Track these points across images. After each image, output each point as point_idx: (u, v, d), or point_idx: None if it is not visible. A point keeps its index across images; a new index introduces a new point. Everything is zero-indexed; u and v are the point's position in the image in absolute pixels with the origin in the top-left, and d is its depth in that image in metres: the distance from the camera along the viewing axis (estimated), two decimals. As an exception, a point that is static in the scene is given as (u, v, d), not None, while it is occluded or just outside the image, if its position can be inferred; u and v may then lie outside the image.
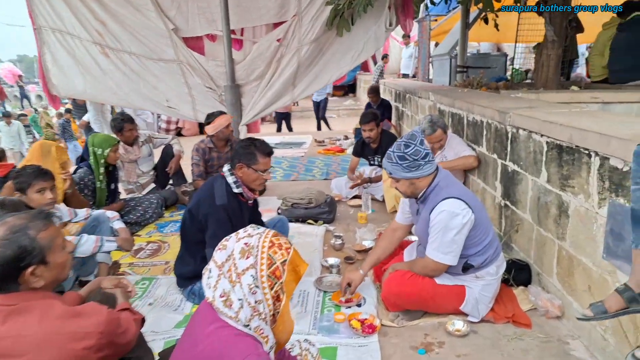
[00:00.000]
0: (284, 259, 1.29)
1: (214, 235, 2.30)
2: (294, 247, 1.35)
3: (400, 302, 2.23)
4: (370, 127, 4.04)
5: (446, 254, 2.09)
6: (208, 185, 2.43)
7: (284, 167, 5.79)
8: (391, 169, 2.15)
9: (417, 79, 8.13)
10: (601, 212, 1.86)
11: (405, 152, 2.08)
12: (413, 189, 2.17)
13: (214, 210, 2.32)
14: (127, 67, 4.85)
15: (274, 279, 1.28)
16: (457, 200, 2.06)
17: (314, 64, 4.53)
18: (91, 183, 3.48)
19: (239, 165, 2.37)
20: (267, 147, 2.42)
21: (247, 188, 2.44)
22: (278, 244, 1.30)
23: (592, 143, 1.88)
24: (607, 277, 1.84)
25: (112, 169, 3.65)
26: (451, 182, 2.17)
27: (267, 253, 1.28)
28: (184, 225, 2.50)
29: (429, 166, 2.11)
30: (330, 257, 3.02)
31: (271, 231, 1.35)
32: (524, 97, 3.77)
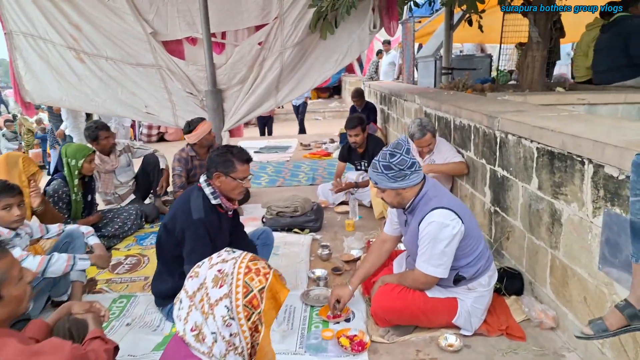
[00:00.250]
0: (262, 286, 1.18)
1: (192, 251, 2.19)
2: (274, 272, 1.24)
3: (390, 318, 2.14)
4: (356, 132, 3.95)
5: (437, 267, 2.01)
6: (184, 198, 2.30)
7: (269, 173, 5.66)
8: (377, 178, 2.07)
9: (402, 81, 8.09)
10: (596, 222, 1.80)
11: (391, 161, 2.00)
12: (400, 199, 2.08)
13: (190, 225, 2.19)
14: (104, 72, 4.68)
15: (251, 308, 1.17)
16: (446, 210, 1.98)
17: (297, 68, 4.43)
18: (65, 195, 3.31)
19: (216, 174, 2.25)
20: (245, 154, 2.31)
21: (225, 198, 2.32)
22: (255, 270, 1.19)
23: (585, 150, 1.81)
24: (604, 289, 1.78)
25: (88, 179, 3.48)
26: (440, 191, 2.09)
27: (243, 280, 1.17)
28: (160, 240, 2.36)
29: (416, 176, 2.03)
30: (317, 268, 2.91)
31: (248, 255, 1.24)
32: (510, 99, 3.73)
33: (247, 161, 2.31)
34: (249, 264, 1.20)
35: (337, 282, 2.76)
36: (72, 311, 1.77)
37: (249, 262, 1.20)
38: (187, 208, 2.23)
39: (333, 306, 2.29)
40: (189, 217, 2.20)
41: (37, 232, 2.62)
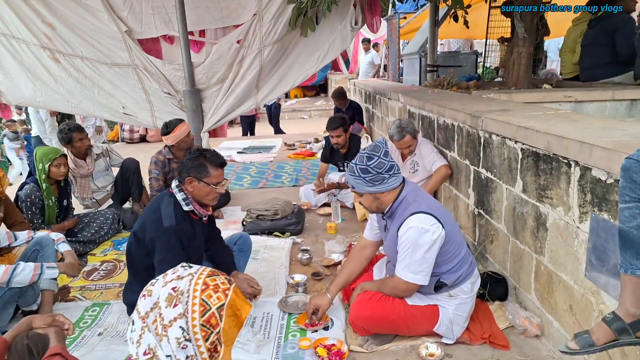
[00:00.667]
0: (221, 303, 1.07)
1: (163, 261, 2.06)
2: (235, 287, 1.13)
3: (368, 327, 2.04)
4: (338, 133, 3.84)
5: (416, 274, 1.91)
6: (154, 205, 2.17)
7: (251, 174, 5.53)
8: (354, 182, 1.96)
9: (387, 78, 8.00)
10: (582, 227, 1.72)
11: (368, 164, 1.90)
12: (378, 203, 1.99)
13: (162, 234, 2.07)
14: (80, 73, 4.49)
15: (209, 328, 1.06)
16: (426, 215, 1.88)
17: (277, 66, 4.30)
18: (38, 200, 3.16)
19: (188, 180, 2.14)
20: (219, 158, 2.20)
21: (198, 204, 2.20)
22: (214, 286, 1.09)
23: (572, 152, 1.73)
24: (591, 297, 1.70)
25: (63, 184, 3.33)
26: (420, 195, 2.00)
27: (200, 298, 1.06)
28: (130, 250, 2.23)
29: (394, 179, 1.93)
30: (296, 273, 2.80)
31: (206, 270, 1.13)
32: (495, 97, 3.65)
33: (221, 165, 2.21)
34: (206, 280, 1.09)
35: (317, 288, 2.67)
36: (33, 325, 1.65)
37: (206, 278, 1.10)
38: (158, 215, 2.11)
39: (310, 316, 2.19)
40: (159, 225, 2.08)
41: (4, 240, 2.48)
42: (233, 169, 5.79)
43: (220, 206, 3.99)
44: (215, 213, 3.90)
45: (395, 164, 1.96)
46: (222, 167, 2.20)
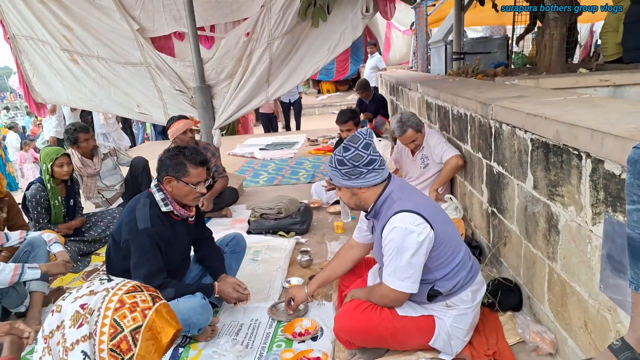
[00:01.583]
0: (137, 325, 0.94)
1: (138, 265, 1.98)
2: (161, 306, 1.00)
3: (353, 340, 1.85)
4: (348, 126, 3.64)
5: (403, 280, 1.69)
6: (130, 206, 2.09)
7: (269, 171, 5.43)
8: (330, 174, 1.80)
9: (416, 69, 7.66)
10: (596, 231, 1.44)
11: (344, 155, 1.71)
12: (356, 200, 1.79)
13: (135, 236, 1.98)
14: (97, 73, 4.59)
15: (119, 353, 0.93)
16: (410, 214, 1.66)
17: (288, 59, 4.15)
18: (44, 200, 3.19)
19: (167, 179, 2.04)
20: (199, 156, 2.09)
21: (178, 204, 2.09)
22: (131, 304, 0.95)
23: (582, 142, 1.45)
24: (607, 314, 1.42)
25: (71, 183, 3.36)
26: (406, 192, 1.77)
27: (112, 318, 0.94)
28: (109, 253, 2.17)
29: (375, 175, 1.73)
30: (295, 276, 2.65)
31: (128, 285, 1.00)
32: (520, 84, 3.31)
33: (202, 164, 2.08)
34: (123, 297, 0.96)
35: (314, 293, 2.49)
36: None
37: (124, 295, 0.97)
38: (133, 217, 2.02)
39: (287, 303, 2.16)
40: (133, 228, 1.99)
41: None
42: (252, 166, 5.73)
43: (228, 204, 3.91)
44: (223, 211, 3.83)
45: (379, 158, 1.75)
46: (202, 166, 2.08)
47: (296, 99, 8.58)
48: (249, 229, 3.39)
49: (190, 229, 2.26)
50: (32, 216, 3.13)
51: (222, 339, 2.08)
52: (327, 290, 2.49)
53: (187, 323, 1.95)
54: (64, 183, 3.29)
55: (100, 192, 3.87)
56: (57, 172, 3.12)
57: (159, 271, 2.00)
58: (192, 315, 1.94)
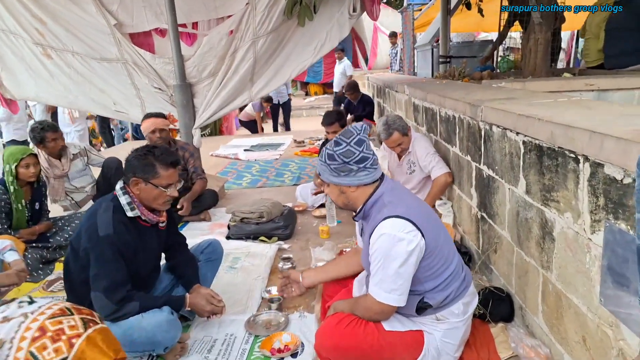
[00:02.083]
0: (61, 358, 0.79)
1: (98, 276, 1.78)
2: (95, 332, 0.85)
3: (336, 358, 1.71)
4: (334, 128, 3.52)
5: (390, 292, 1.57)
6: (91, 210, 1.90)
7: (253, 172, 5.28)
8: (319, 168, 1.68)
9: (403, 72, 7.61)
10: (595, 239, 1.35)
11: (335, 150, 1.59)
12: (344, 199, 1.68)
13: (95, 244, 1.78)
14: (72, 68, 4.37)
15: None
16: (400, 220, 1.54)
17: (273, 58, 4.02)
18: (5, 204, 2.95)
19: (134, 180, 1.86)
20: (171, 156, 1.92)
21: (147, 209, 1.93)
22: (54, 332, 0.80)
23: (579, 144, 1.36)
24: (608, 330, 1.33)
25: (37, 185, 3.14)
26: (398, 196, 1.65)
27: (28, 351, 0.79)
28: (67, 262, 1.96)
29: (366, 174, 1.61)
30: (275, 285, 2.51)
31: (55, 306, 0.85)
32: (507, 86, 3.25)
33: (173, 165, 1.91)
34: (45, 324, 0.81)
35: (295, 304, 2.36)
36: None
37: (47, 321, 0.82)
38: (93, 222, 1.82)
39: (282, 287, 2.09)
40: (93, 235, 1.79)
41: None
42: (235, 168, 5.57)
43: (207, 207, 3.74)
44: (201, 215, 3.66)
45: (372, 157, 1.63)
46: (173, 167, 1.91)
47: (286, 100, 8.45)
48: (229, 234, 3.24)
49: (160, 236, 2.09)
50: (-9, 220, 2.90)
51: (192, 357, 1.92)
52: (309, 301, 2.35)
53: (151, 341, 1.78)
54: (30, 185, 3.08)
55: (69, 194, 3.66)
56: (22, 174, 2.91)
57: (121, 283, 1.80)
58: (157, 332, 1.77)
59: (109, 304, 1.76)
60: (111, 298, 1.76)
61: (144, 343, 1.79)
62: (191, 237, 2.76)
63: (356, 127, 1.65)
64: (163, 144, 3.18)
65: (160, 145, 2.08)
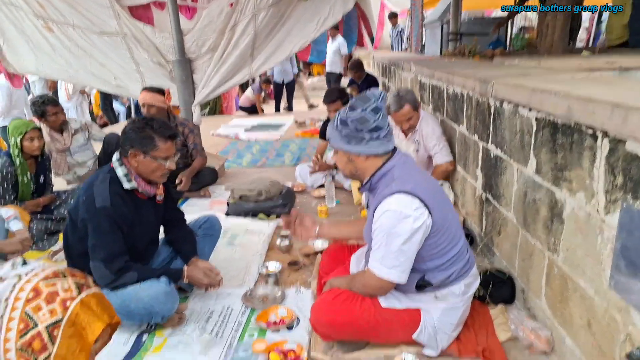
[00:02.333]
0: (55, 320, 0.76)
1: (96, 247, 1.79)
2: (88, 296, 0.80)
3: (331, 333, 1.68)
4: (336, 107, 3.42)
5: (391, 268, 1.52)
6: (89, 182, 1.87)
7: (253, 152, 5.20)
8: (329, 133, 1.61)
9: (410, 50, 7.43)
10: (609, 221, 1.27)
11: (349, 115, 1.52)
12: (352, 168, 1.61)
13: (93, 215, 1.77)
14: (73, 42, 4.27)
15: (31, 353, 0.75)
16: (408, 196, 1.47)
17: (274, 33, 3.89)
18: (11, 176, 2.94)
19: (132, 153, 1.83)
20: (168, 129, 1.89)
21: (144, 181, 1.88)
22: (49, 294, 0.77)
23: (599, 118, 1.27)
24: (616, 314, 1.27)
25: (41, 159, 3.11)
26: (408, 171, 1.57)
27: (23, 311, 0.75)
28: (66, 233, 1.95)
29: (378, 144, 1.53)
30: (272, 261, 2.47)
31: (49, 269, 0.80)
32: (520, 64, 3.12)
33: (171, 137, 1.90)
34: (39, 285, 0.77)
35: (292, 279, 2.33)
36: None
37: (40, 282, 0.78)
38: (90, 194, 1.80)
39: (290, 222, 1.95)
40: (91, 206, 1.78)
41: None
42: (236, 147, 5.49)
43: (207, 184, 3.69)
44: (201, 192, 3.61)
45: (387, 127, 1.55)
46: (171, 140, 1.90)
47: (290, 80, 8.24)
48: (228, 211, 3.19)
49: (158, 210, 2.05)
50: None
51: (189, 326, 1.89)
52: (306, 277, 2.31)
53: (149, 312, 1.77)
54: (34, 158, 3.06)
55: (72, 168, 3.62)
56: (27, 147, 2.88)
57: (119, 254, 1.80)
58: (154, 303, 1.76)
59: (107, 274, 1.77)
60: (109, 268, 1.77)
61: (141, 313, 1.80)
62: (190, 213, 2.73)
63: (374, 93, 1.56)
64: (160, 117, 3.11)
65: (158, 118, 2.02)
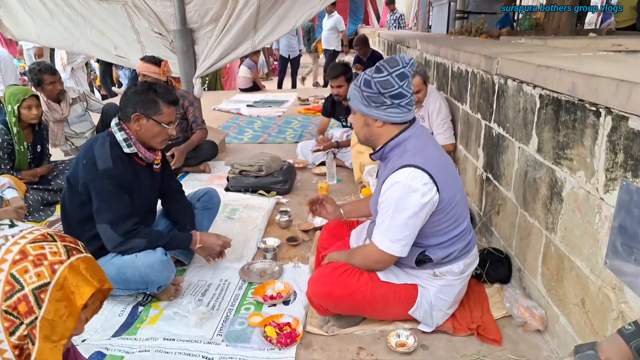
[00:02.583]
0: (42, 283, 0.75)
1: (101, 209, 1.77)
2: (78, 260, 0.80)
3: (327, 306, 1.69)
4: (339, 82, 3.36)
5: (394, 242, 1.51)
6: (88, 146, 1.86)
7: (255, 128, 5.16)
8: (351, 93, 1.58)
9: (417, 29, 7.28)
10: (608, 199, 1.26)
11: (374, 76, 1.48)
12: (367, 132, 1.59)
13: (96, 178, 1.76)
14: (72, 9, 4.18)
15: (16, 317, 0.74)
16: (418, 170, 1.45)
17: (278, 5, 3.79)
18: (7, 144, 2.91)
19: (135, 116, 1.81)
20: (171, 94, 1.88)
21: (144, 146, 1.87)
22: (36, 257, 0.76)
23: (603, 94, 1.24)
24: (610, 293, 1.27)
25: (39, 128, 3.08)
26: (423, 145, 1.54)
27: (9, 273, 0.75)
28: (64, 200, 1.94)
29: (397, 112, 1.50)
30: (271, 236, 2.48)
31: (37, 232, 0.80)
32: (527, 43, 3.06)
33: (174, 103, 1.88)
34: (26, 248, 0.76)
35: (290, 255, 2.34)
36: None
37: (28, 245, 0.77)
38: (91, 157, 1.79)
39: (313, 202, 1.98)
40: (93, 169, 1.77)
41: None
42: (237, 123, 5.45)
43: (207, 159, 3.67)
44: (201, 166, 3.60)
45: (410, 96, 1.51)
46: (174, 105, 1.89)
47: (296, 56, 8.09)
48: (227, 186, 3.19)
49: (155, 177, 2.04)
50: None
51: (185, 299, 1.91)
52: (304, 253, 2.32)
53: (144, 280, 1.78)
54: (31, 127, 3.02)
55: (69, 139, 3.60)
56: (24, 115, 2.84)
57: (125, 216, 1.79)
58: (150, 272, 1.76)
59: (114, 237, 1.77)
60: (116, 230, 1.77)
61: (137, 282, 1.80)
62: (190, 187, 2.70)
63: (404, 57, 1.52)
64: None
65: (161, 83, 2.00)
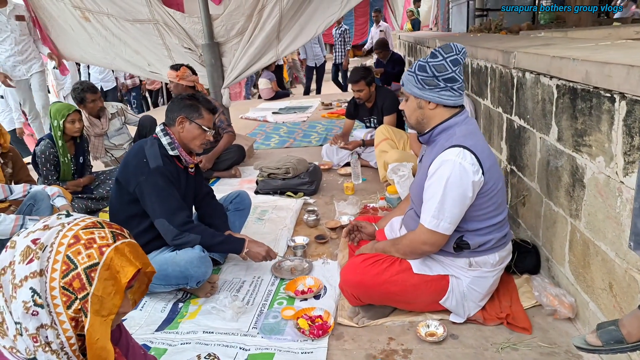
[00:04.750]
0: (92, 263, 0.86)
1: (155, 206, 1.92)
2: (122, 245, 0.91)
3: (359, 295, 1.75)
4: (359, 87, 3.46)
5: (442, 220, 1.54)
6: (137, 148, 2.03)
7: (281, 134, 5.31)
8: (405, 78, 1.68)
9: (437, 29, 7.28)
10: (627, 182, 1.29)
11: (429, 61, 1.58)
12: (419, 115, 1.65)
13: (148, 176, 1.91)
14: (108, 31, 4.49)
15: (72, 292, 0.85)
16: (467, 151, 1.50)
17: (299, 14, 3.93)
18: (53, 157, 3.16)
19: (180, 119, 1.99)
20: (211, 104, 2.08)
21: (185, 150, 2.03)
22: (87, 240, 0.87)
23: (616, 81, 1.28)
24: (636, 275, 1.29)
25: (80, 140, 3.32)
26: (472, 131, 1.59)
27: (65, 254, 0.86)
28: (112, 200, 2.10)
29: (450, 95, 1.58)
30: (300, 235, 2.57)
31: (87, 220, 0.92)
32: (546, 36, 3.05)
33: (213, 111, 2.09)
34: (79, 233, 0.88)
35: (319, 252, 2.43)
36: None
37: (80, 231, 0.88)
38: (142, 156, 1.96)
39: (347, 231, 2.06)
40: (145, 167, 1.93)
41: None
42: (264, 129, 5.62)
43: (236, 163, 3.83)
44: (232, 171, 3.76)
45: (461, 81, 1.60)
46: (213, 113, 2.09)
47: (322, 63, 8.29)
48: (257, 189, 3.32)
49: (190, 181, 2.18)
50: (41, 172, 3.12)
51: (221, 295, 2.03)
52: (332, 250, 2.41)
53: (184, 275, 1.91)
54: (73, 140, 3.26)
55: (109, 151, 3.84)
56: (69, 129, 3.08)
57: (178, 208, 1.94)
58: (189, 267, 1.89)
59: (171, 228, 1.91)
60: (172, 222, 1.90)
61: (177, 277, 1.92)
62: (222, 192, 2.84)
63: (457, 45, 1.62)
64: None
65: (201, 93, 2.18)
